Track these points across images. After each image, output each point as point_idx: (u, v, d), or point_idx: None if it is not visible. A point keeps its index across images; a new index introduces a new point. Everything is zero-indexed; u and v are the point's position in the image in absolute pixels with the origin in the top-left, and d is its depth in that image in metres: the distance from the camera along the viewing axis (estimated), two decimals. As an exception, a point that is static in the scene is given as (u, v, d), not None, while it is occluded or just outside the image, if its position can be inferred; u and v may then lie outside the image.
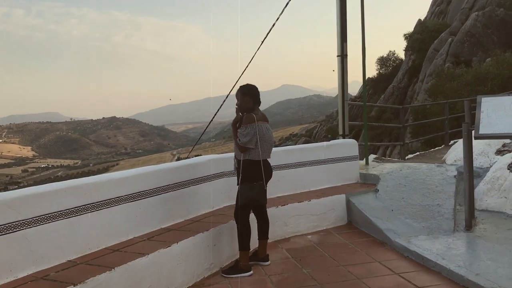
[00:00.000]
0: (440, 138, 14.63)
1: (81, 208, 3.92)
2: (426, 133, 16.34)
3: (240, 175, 4.43)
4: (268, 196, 5.93)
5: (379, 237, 5.34)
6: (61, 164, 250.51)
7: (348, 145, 6.89)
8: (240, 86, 4.53)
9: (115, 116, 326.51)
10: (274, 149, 6.64)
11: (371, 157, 8.24)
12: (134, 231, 4.40)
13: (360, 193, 6.23)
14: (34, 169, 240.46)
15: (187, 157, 6.12)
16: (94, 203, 4.02)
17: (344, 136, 7.53)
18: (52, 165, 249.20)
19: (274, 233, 5.36)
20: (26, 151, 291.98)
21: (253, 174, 4.36)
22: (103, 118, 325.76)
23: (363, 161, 7.59)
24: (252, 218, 4.62)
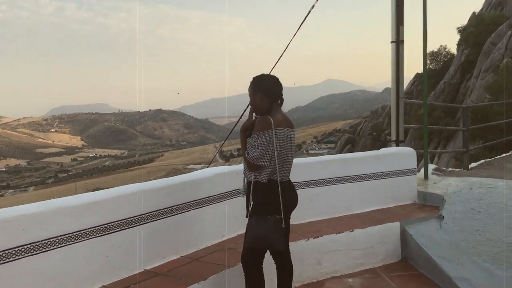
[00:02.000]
0: (505, 143, 12.71)
1: (13, 252, 2.70)
2: (486, 137, 14.40)
3: (250, 203, 3.12)
4: (297, 221, 4.64)
5: (447, 287, 3.88)
6: (108, 154, 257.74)
7: (404, 155, 5.41)
8: (253, 78, 3.22)
9: (161, 109, 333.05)
10: (307, 160, 5.31)
11: (430, 167, 6.67)
12: (103, 278, 3.16)
13: (419, 220, 4.76)
14: (83, 158, 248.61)
15: (220, 150, 4.81)
16: (36, 242, 2.80)
17: (397, 143, 6.02)
18: (100, 155, 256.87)
19: (302, 275, 4.01)
20: (76, 141, 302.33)
21: (266, 203, 3.03)
22: (150, 110, 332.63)
23: (420, 173, 6.07)
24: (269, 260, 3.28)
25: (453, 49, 43.41)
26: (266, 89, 3.10)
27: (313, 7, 5.81)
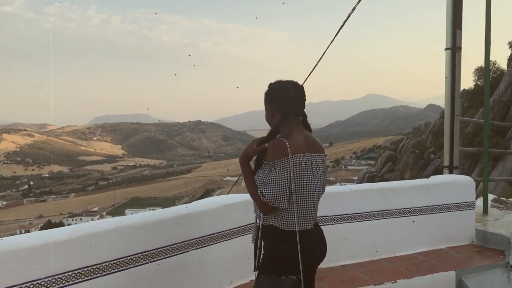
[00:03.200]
0: None
1: None
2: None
3: (260, 255, 2.31)
4: (326, 263, 3.78)
5: None
6: (147, 164, 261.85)
7: (460, 185, 4.45)
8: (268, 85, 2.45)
9: (200, 120, 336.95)
10: (339, 189, 4.37)
11: (489, 198, 5.62)
12: None
13: (480, 269, 3.80)
14: (123, 167, 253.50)
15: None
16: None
17: (451, 170, 5.04)
18: (139, 164, 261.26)
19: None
20: (117, 150, 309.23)
21: (281, 258, 2.22)
22: (189, 121, 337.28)
23: (477, 206, 5.06)
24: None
25: (503, 64, 41.31)
26: (276, 101, 2.34)
27: (341, 27, 5.02)
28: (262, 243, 2.31)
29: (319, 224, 2.56)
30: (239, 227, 3.33)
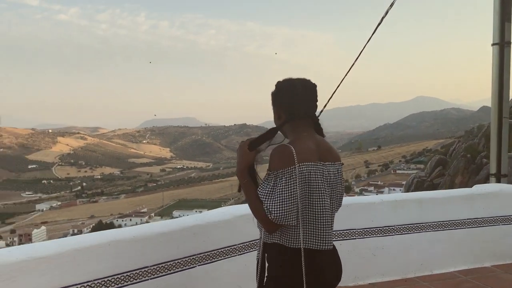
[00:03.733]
0: None
1: None
2: None
3: (263, 278, 2.02)
4: (354, 281, 3.43)
5: None
6: (194, 166, 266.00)
7: (508, 196, 3.98)
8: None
9: (245, 123, 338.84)
10: (369, 199, 3.96)
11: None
12: None
13: (531, 293, 3.34)
14: (171, 169, 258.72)
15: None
16: None
17: (499, 178, 4.54)
18: (186, 166, 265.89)
19: None
20: (165, 152, 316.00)
21: (287, 283, 1.91)
22: (235, 124, 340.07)
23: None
24: None
25: None
26: (282, 101, 2.06)
27: (378, 26, 4.62)
28: (266, 264, 2.03)
29: (345, 239, 2.26)
30: (253, 240, 3.05)
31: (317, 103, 2.12)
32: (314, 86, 2.12)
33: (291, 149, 1.89)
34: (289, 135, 2.05)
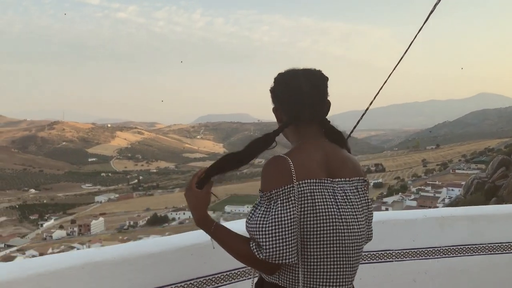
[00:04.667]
0: None
1: None
2: None
3: None
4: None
5: None
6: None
7: None
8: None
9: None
10: (408, 214, 3.29)
11: None
12: None
13: None
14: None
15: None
16: None
17: None
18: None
19: None
20: (218, 148, 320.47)
21: None
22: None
23: None
24: None
25: None
26: (281, 99, 1.65)
27: (434, 7, 4.00)
28: None
29: (380, 261, 1.82)
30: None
31: (327, 102, 1.66)
32: (324, 79, 1.65)
33: (287, 162, 1.45)
34: (291, 142, 1.64)
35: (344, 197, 1.50)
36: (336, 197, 1.48)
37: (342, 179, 1.53)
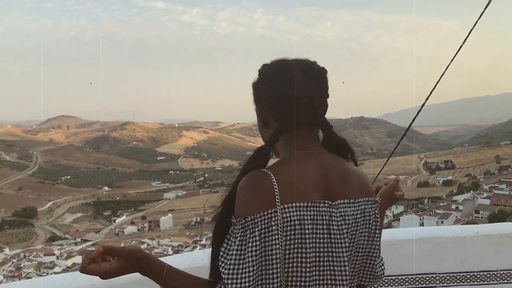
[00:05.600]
0: None
1: None
2: None
3: None
4: None
5: None
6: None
7: None
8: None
9: (363, 116, 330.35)
10: (462, 230, 3.08)
11: None
12: None
13: None
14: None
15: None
16: None
17: None
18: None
19: None
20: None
21: None
22: (351, 117, 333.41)
23: None
24: None
25: None
26: (268, 98, 1.28)
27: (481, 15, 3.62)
28: None
29: (421, 286, 1.58)
30: None
31: (327, 100, 1.32)
32: (324, 71, 1.30)
33: (269, 180, 1.13)
34: (279, 152, 1.29)
35: (344, 225, 1.17)
36: (332, 226, 1.15)
37: (345, 201, 1.19)
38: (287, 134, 1.24)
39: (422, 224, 50.38)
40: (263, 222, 1.09)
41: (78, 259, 57.29)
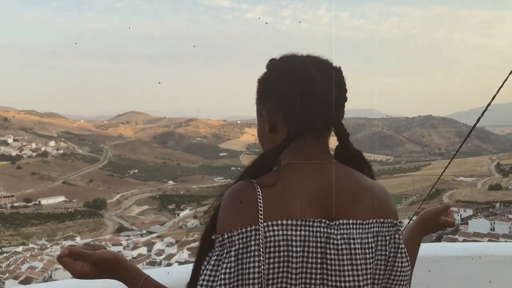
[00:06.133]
0: None
1: None
2: None
3: None
4: None
5: None
6: (374, 159, 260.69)
7: None
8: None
9: (431, 115, 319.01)
10: (471, 247, 2.44)
11: None
12: None
13: None
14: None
15: None
16: None
17: None
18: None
19: None
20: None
21: None
22: (419, 116, 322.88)
23: None
24: None
25: None
26: (278, 92, 1.09)
27: None
28: None
29: None
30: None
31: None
32: (340, 71, 1.12)
33: (254, 192, 0.98)
34: (282, 160, 1.10)
35: (346, 249, 0.97)
36: (329, 250, 0.96)
37: (350, 222, 0.99)
38: (299, 141, 1.07)
39: (493, 229, 47.80)
40: (241, 241, 0.93)
41: (143, 250, 59.66)
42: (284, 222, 0.95)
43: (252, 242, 0.92)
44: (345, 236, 0.97)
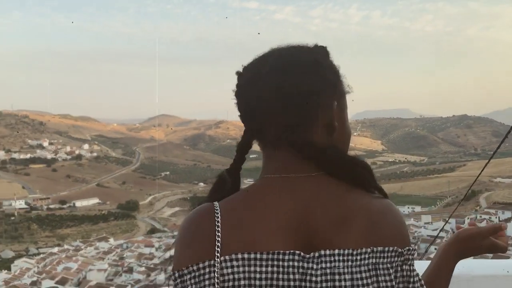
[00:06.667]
0: None
1: None
2: None
3: None
4: None
5: None
6: (407, 160, 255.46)
7: None
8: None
9: (466, 114, 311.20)
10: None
11: None
12: None
13: None
14: (382, 163, 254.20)
15: None
16: None
17: None
18: (398, 160, 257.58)
19: None
20: (376, 145, 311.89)
21: None
22: (453, 116, 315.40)
23: None
24: None
25: None
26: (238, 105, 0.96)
27: None
28: None
29: None
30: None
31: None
32: (309, 62, 0.91)
33: (211, 219, 0.81)
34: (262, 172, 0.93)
35: (330, 287, 0.75)
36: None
37: (334, 252, 0.77)
38: (267, 151, 0.93)
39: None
40: (193, 281, 0.76)
41: (175, 252, 59.25)
42: (246, 255, 0.76)
43: (207, 282, 0.75)
44: (327, 271, 0.75)
